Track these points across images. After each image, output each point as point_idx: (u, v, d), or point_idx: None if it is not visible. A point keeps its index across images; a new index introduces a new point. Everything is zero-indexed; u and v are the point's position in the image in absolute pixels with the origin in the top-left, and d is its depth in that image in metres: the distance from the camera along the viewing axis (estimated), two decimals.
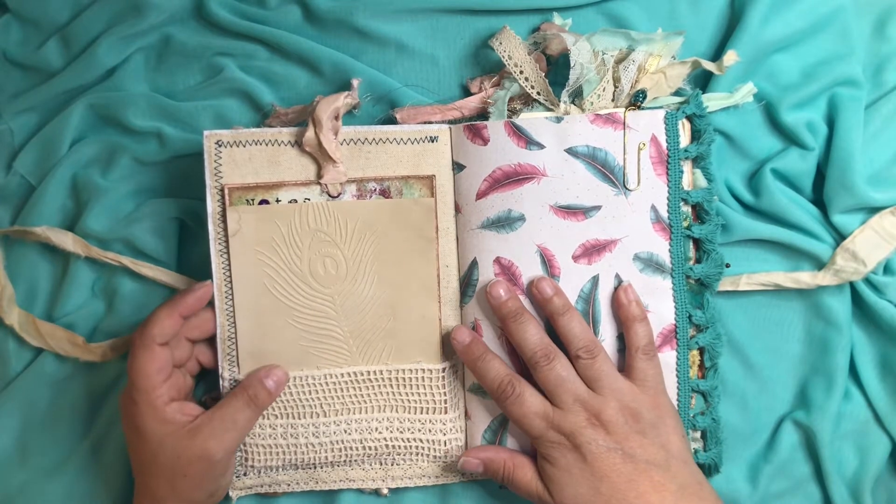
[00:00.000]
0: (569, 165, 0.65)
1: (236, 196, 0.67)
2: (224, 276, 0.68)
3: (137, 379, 0.63)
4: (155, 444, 0.63)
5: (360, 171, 0.67)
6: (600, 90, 0.66)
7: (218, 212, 0.67)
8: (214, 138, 0.66)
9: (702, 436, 0.67)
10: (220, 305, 0.68)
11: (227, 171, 0.67)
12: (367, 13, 0.70)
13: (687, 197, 0.66)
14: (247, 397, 0.65)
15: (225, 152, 0.66)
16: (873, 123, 0.68)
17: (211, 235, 0.67)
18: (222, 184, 0.66)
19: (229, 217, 0.66)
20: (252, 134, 0.67)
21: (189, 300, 0.65)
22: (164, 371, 0.64)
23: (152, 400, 0.63)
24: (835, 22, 0.69)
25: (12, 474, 0.73)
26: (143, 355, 0.63)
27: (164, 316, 0.64)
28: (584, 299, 0.66)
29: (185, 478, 0.64)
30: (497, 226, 0.67)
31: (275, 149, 0.67)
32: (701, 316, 0.66)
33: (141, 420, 0.63)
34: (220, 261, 0.67)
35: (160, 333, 0.63)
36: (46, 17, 0.73)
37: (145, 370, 0.63)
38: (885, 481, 0.71)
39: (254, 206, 0.67)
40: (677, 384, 0.66)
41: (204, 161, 0.66)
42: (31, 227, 0.71)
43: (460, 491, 0.72)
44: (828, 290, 0.69)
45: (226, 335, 0.68)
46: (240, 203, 0.67)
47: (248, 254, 0.67)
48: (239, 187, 0.66)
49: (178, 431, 0.64)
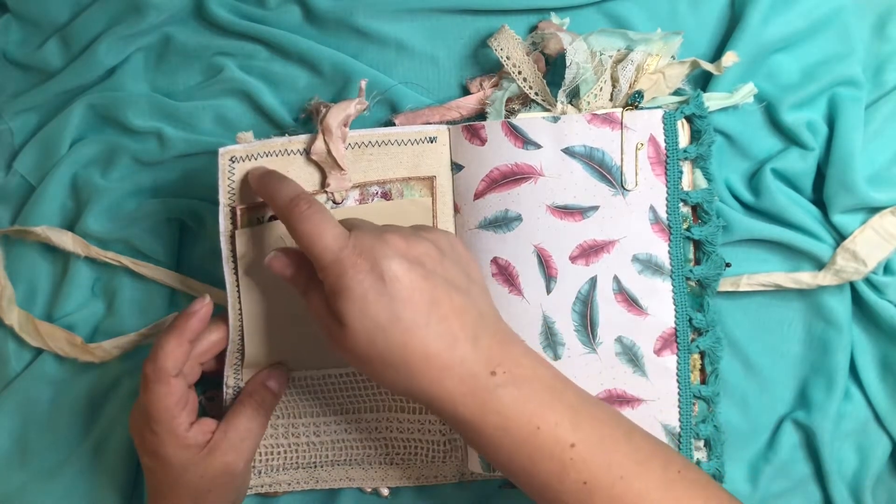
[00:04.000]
0: (566, 165, 0.65)
1: (246, 218, 0.65)
2: (234, 294, 0.67)
3: (157, 413, 0.62)
4: (179, 469, 0.63)
5: (362, 174, 0.67)
6: (597, 90, 0.66)
7: (229, 230, 0.65)
8: (228, 155, 0.64)
9: (705, 444, 0.67)
10: (234, 323, 0.67)
11: (241, 189, 0.65)
12: (367, 13, 0.70)
13: (686, 198, 0.65)
14: (254, 404, 0.65)
15: (238, 167, 0.65)
16: (873, 123, 0.68)
17: (224, 255, 0.66)
18: (235, 206, 0.65)
19: (238, 241, 0.65)
20: (263, 146, 0.65)
21: (193, 324, 0.63)
22: (181, 401, 0.63)
23: (174, 429, 0.62)
24: (835, 22, 0.69)
25: (12, 474, 0.73)
26: (159, 390, 0.61)
27: (173, 346, 0.62)
28: (581, 301, 0.66)
29: (210, 493, 0.64)
30: (494, 226, 0.67)
31: (285, 159, 0.66)
32: (701, 319, 0.66)
33: (163, 450, 0.62)
34: (231, 279, 0.66)
35: (173, 365, 0.62)
36: (46, 17, 0.73)
37: (164, 404, 0.62)
38: (885, 481, 0.71)
39: (263, 223, 0.66)
40: (678, 390, 0.66)
41: (218, 179, 0.65)
42: (30, 226, 0.72)
43: (460, 491, 0.72)
44: (828, 290, 0.69)
45: (235, 348, 0.68)
46: (250, 224, 0.66)
47: (256, 270, 0.66)
48: (250, 207, 0.65)
49: (199, 453, 0.63)
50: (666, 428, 0.65)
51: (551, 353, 0.66)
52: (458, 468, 0.71)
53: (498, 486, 0.72)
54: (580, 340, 0.66)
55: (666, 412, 0.65)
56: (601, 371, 0.66)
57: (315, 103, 0.69)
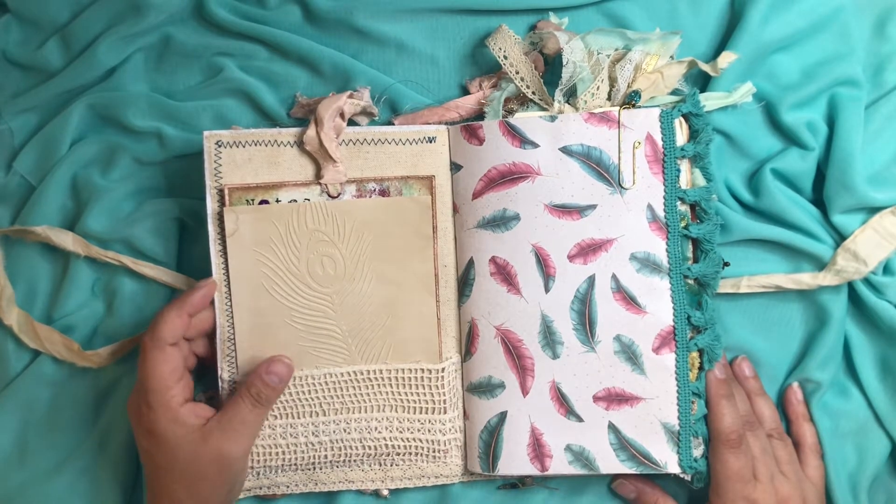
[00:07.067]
0: (563, 164, 0.65)
1: (236, 196, 0.67)
2: (223, 277, 0.68)
3: (150, 381, 0.63)
4: (172, 447, 0.63)
5: (359, 171, 0.68)
6: (594, 89, 0.66)
7: (217, 212, 0.67)
8: (214, 138, 0.67)
9: (704, 442, 0.67)
10: (220, 306, 0.68)
11: (227, 171, 0.67)
12: (366, 13, 0.70)
13: (684, 196, 0.65)
14: (251, 398, 0.65)
15: (225, 153, 0.67)
16: (873, 123, 0.68)
17: (210, 236, 0.67)
18: (222, 184, 0.67)
19: (227, 217, 0.67)
20: (251, 134, 0.67)
21: (195, 299, 0.66)
22: (177, 371, 0.64)
23: (167, 401, 0.63)
24: (835, 22, 0.69)
25: (12, 474, 0.73)
26: (155, 356, 0.63)
27: (173, 316, 0.64)
28: (579, 299, 0.66)
29: (205, 480, 0.64)
30: (492, 225, 0.67)
31: (274, 149, 0.67)
32: (700, 317, 0.66)
33: (156, 424, 0.63)
34: (218, 261, 0.68)
35: (171, 334, 0.63)
36: (46, 17, 0.73)
37: (159, 372, 0.63)
38: (884, 481, 0.71)
39: (253, 205, 0.67)
40: (677, 388, 0.66)
41: (203, 161, 0.66)
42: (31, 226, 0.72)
43: (459, 491, 0.72)
44: (826, 289, 0.69)
45: (225, 336, 0.68)
46: (239, 203, 0.67)
47: (246, 254, 0.67)
48: (239, 187, 0.67)
49: (192, 434, 0.63)
50: (665, 426, 0.65)
51: (550, 352, 0.66)
52: (458, 468, 0.71)
53: (497, 487, 0.72)
54: (579, 339, 0.66)
55: (665, 410, 0.65)
56: (600, 370, 0.66)
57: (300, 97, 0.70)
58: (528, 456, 0.67)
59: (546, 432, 0.67)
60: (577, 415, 0.67)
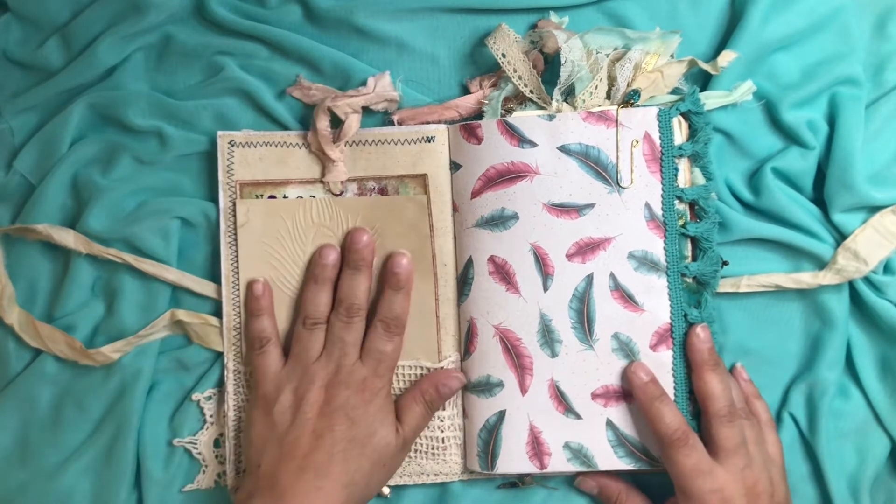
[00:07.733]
0: (561, 163, 0.65)
1: (246, 192, 0.70)
2: (232, 268, 0.70)
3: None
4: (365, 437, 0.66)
5: (361, 171, 0.69)
6: (592, 88, 0.66)
7: (229, 206, 0.70)
8: (227, 138, 0.70)
9: None
10: (227, 295, 0.70)
11: (239, 168, 0.70)
12: (367, 12, 0.70)
13: (682, 194, 0.65)
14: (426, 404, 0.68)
15: (237, 152, 0.70)
16: (874, 123, 0.68)
17: (222, 228, 0.70)
18: (235, 180, 0.70)
19: (238, 209, 0.69)
20: (262, 136, 0.70)
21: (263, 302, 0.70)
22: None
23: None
24: (835, 21, 0.69)
25: (13, 473, 0.73)
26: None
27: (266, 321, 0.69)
28: (578, 298, 0.66)
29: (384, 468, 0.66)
30: (491, 224, 0.67)
31: (283, 150, 0.70)
32: (696, 315, 0.65)
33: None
34: (228, 252, 0.70)
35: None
36: (46, 16, 0.73)
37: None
38: (884, 481, 0.71)
39: (263, 199, 0.70)
40: (674, 385, 0.66)
41: (217, 159, 0.70)
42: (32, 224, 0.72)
43: (459, 489, 0.72)
44: (826, 289, 0.69)
45: (232, 325, 0.70)
46: (249, 197, 0.70)
47: (256, 246, 0.70)
48: (249, 183, 0.70)
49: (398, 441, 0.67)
50: None
51: (548, 351, 0.67)
52: (458, 466, 0.71)
53: (496, 487, 0.72)
54: (577, 337, 0.66)
55: None
56: (598, 367, 0.66)
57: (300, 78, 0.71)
58: (527, 454, 0.67)
59: (545, 430, 0.67)
60: (575, 412, 0.67)
